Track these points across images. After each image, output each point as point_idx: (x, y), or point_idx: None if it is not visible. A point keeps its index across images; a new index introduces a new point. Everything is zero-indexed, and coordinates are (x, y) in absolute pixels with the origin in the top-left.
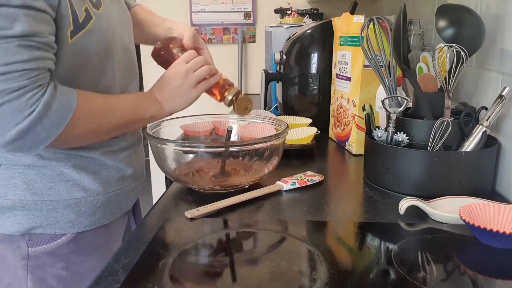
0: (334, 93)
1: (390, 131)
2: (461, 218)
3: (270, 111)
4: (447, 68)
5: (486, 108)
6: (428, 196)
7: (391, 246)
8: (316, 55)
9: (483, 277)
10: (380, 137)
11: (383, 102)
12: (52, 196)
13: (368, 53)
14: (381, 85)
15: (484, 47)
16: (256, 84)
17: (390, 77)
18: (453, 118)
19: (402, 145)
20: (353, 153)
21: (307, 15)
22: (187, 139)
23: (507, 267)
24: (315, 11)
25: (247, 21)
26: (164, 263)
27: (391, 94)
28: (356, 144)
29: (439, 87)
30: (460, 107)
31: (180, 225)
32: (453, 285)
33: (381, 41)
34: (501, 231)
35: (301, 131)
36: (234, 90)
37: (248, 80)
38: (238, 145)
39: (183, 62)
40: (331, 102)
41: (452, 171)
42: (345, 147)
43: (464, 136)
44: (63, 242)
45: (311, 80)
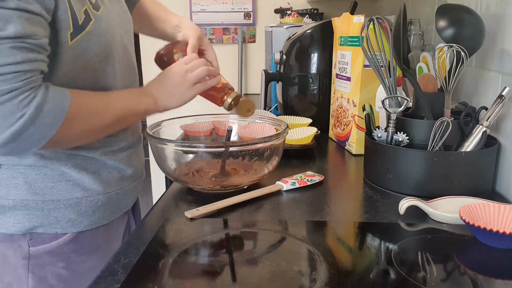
0: (334, 93)
1: (390, 131)
2: (461, 218)
3: (270, 111)
4: (447, 68)
5: (486, 108)
6: (428, 196)
7: (391, 246)
8: (316, 55)
9: (483, 277)
10: (380, 137)
11: (383, 102)
12: (53, 196)
13: (368, 53)
14: (381, 85)
15: (484, 47)
16: (256, 84)
17: (390, 77)
18: (453, 118)
19: (402, 145)
20: (353, 153)
21: (307, 15)
22: (187, 139)
23: (507, 267)
24: (315, 11)
25: (247, 21)
26: (164, 263)
27: (391, 94)
28: (356, 144)
29: (439, 87)
30: (460, 107)
31: (180, 225)
32: (453, 285)
33: (381, 41)
34: (501, 231)
35: (301, 131)
36: (234, 94)
37: (248, 80)
38: (238, 145)
39: (183, 64)
40: (331, 102)
41: (452, 171)
42: (345, 147)
43: (464, 136)
44: (64, 242)
45: (311, 80)
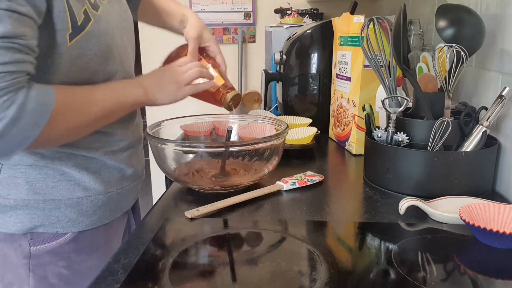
0: (334, 93)
1: (390, 131)
2: (461, 218)
3: (270, 111)
4: (447, 68)
5: (486, 108)
6: (428, 196)
7: (391, 246)
8: (316, 55)
9: (483, 277)
10: (380, 137)
11: (383, 102)
12: (54, 196)
13: (368, 53)
14: (381, 85)
15: (484, 47)
16: (256, 84)
17: (390, 77)
18: (453, 118)
19: (402, 145)
20: (353, 153)
21: (307, 15)
22: (187, 139)
23: (507, 267)
24: (315, 11)
25: (247, 21)
26: (164, 263)
27: (391, 94)
28: (356, 144)
29: (439, 87)
30: (460, 107)
31: (180, 225)
32: (453, 285)
33: (381, 41)
34: (501, 231)
35: (301, 131)
36: (231, 94)
37: (248, 80)
38: (238, 145)
39: (176, 65)
40: (331, 102)
41: (452, 171)
42: (345, 147)
43: (464, 136)
44: (65, 241)
45: (311, 80)
